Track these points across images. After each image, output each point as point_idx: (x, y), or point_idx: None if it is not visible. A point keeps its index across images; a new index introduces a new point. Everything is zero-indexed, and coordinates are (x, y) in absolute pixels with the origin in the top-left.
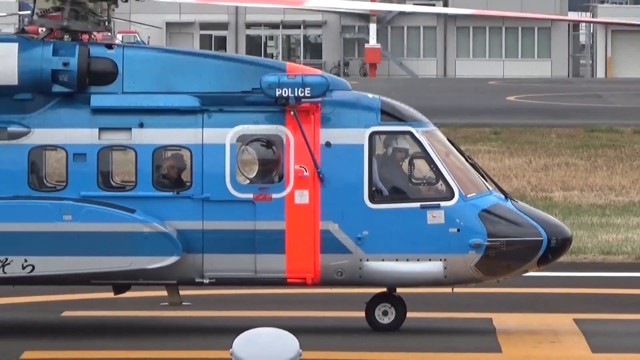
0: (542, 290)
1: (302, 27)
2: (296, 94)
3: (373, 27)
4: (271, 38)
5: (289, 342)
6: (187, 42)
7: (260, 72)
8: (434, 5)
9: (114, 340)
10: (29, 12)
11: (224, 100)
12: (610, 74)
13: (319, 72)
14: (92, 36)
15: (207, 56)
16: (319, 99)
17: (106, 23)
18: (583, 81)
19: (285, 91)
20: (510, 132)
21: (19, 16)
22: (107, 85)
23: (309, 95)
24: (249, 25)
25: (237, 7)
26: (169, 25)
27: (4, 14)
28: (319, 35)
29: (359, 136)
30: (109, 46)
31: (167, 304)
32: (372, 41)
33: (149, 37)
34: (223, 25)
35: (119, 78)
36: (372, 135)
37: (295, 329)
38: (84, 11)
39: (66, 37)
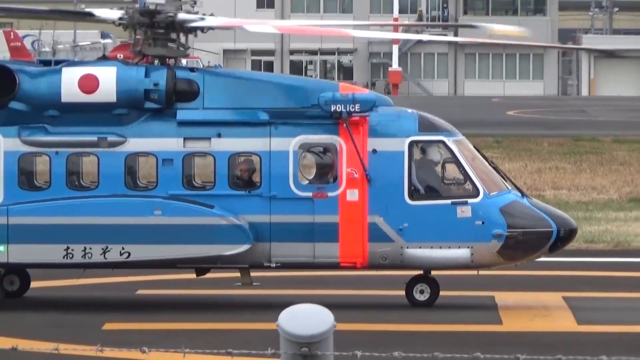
0: (536, 273)
1: (336, 53)
2: (348, 109)
3: (395, 54)
4: (310, 62)
5: (325, 315)
6: (240, 67)
7: (318, 91)
8: (446, 35)
9: (183, 314)
10: (110, 40)
11: (288, 115)
12: (593, 92)
13: (367, 90)
14: (178, 61)
15: (274, 77)
16: (367, 113)
17: (187, 50)
18: (570, 99)
19: (339, 107)
20: (510, 141)
21: (103, 44)
22: (190, 102)
23: (358, 110)
24: (292, 52)
25: (282, 37)
26: (225, 52)
27: (88, 42)
28: (351, 60)
29: (400, 144)
30: (192, 69)
31: (240, 284)
32: (395, 65)
33: (209, 61)
34: (270, 52)
35: (200, 96)
36: (411, 144)
37: (333, 304)
38: (170, 41)
39: (156, 61)
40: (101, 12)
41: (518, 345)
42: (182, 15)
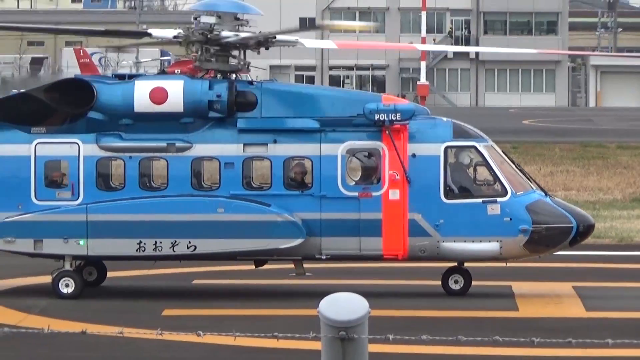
0: (549, 265)
1: (370, 69)
2: (390, 118)
3: (423, 69)
4: (347, 77)
5: (360, 303)
6: (285, 81)
7: (363, 102)
8: (468, 53)
9: (234, 302)
10: (169, 57)
11: (336, 123)
12: (600, 104)
13: (407, 101)
14: (238, 75)
15: (324, 90)
16: (407, 122)
17: (247, 66)
18: (579, 109)
19: (382, 116)
20: (525, 147)
21: (160, 61)
22: (249, 112)
23: (399, 119)
24: (331, 68)
25: (322, 54)
26: (272, 67)
27: (149, 59)
28: (383, 75)
29: (436, 149)
30: (250, 82)
31: (295, 274)
32: (423, 79)
33: (257, 76)
34: (312, 68)
35: (258, 106)
36: (446, 149)
37: (369, 293)
38: (231, 57)
39: (218, 75)
40: (158, 32)
41: (533, 330)
42: (242, 35)
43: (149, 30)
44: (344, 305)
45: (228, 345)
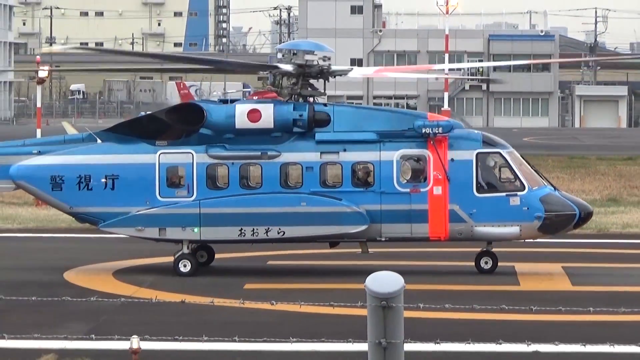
0: (543, 250)
1: (405, 98)
2: (434, 131)
3: (446, 98)
4: (387, 104)
5: (397, 279)
6: None
7: (413, 119)
8: (481, 86)
9: (300, 278)
10: (249, 89)
11: (392, 135)
12: (583, 125)
13: (446, 118)
14: (315, 98)
15: (382, 110)
16: (447, 134)
17: (323, 92)
18: (567, 129)
19: (427, 129)
20: (525, 159)
21: (243, 92)
22: (324, 127)
23: (441, 131)
24: (374, 97)
25: (367, 85)
26: (329, 97)
27: (234, 91)
28: (415, 102)
29: (469, 155)
30: (325, 104)
31: (360, 252)
32: (446, 106)
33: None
34: (360, 97)
35: (331, 123)
36: (477, 155)
37: (406, 271)
38: (309, 85)
39: (300, 99)
40: (284, 66)
41: (531, 300)
42: (326, 68)
43: (278, 65)
44: (384, 281)
45: (295, 312)
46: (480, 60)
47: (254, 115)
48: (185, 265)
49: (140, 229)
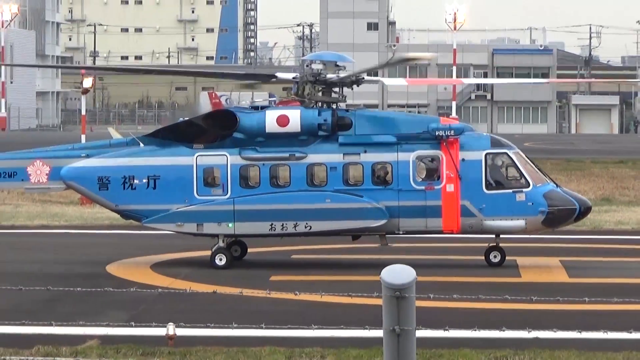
0: (543, 245)
1: (417, 106)
2: (447, 134)
3: (454, 107)
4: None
5: (410, 272)
6: None
7: (427, 122)
8: (485, 95)
9: (322, 270)
10: (274, 98)
11: (409, 138)
12: (579, 131)
13: (457, 122)
14: (336, 105)
15: (399, 115)
16: (458, 136)
17: (344, 98)
18: (564, 135)
19: (441, 132)
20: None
21: (269, 100)
22: (347, 131)
23: (453, 134)
24: (389, 105)
25: (382, 94)
26: (347, 105)
27: (261, 100)
28: (426, 110)
29: (479, 155)
30: (347, 110)
31: (380, 244)
32: (453, 114)
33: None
34: (375, 105)
35: (353, 127)
36: (486, 155)
37: (418, 264)
38: (333, 92)
39: (324, 105)
40: (281, 75)
41: (531, 291)
42: (341, 75)
43: (276, 74)
44: (398, 273)
45: (316, 301)
46: (485, 73)
47: (282, 120)
48: (221, 259)
49: (180, 224)
